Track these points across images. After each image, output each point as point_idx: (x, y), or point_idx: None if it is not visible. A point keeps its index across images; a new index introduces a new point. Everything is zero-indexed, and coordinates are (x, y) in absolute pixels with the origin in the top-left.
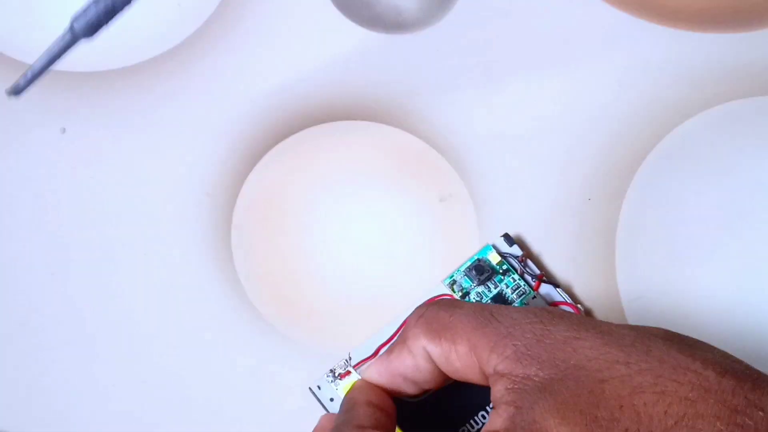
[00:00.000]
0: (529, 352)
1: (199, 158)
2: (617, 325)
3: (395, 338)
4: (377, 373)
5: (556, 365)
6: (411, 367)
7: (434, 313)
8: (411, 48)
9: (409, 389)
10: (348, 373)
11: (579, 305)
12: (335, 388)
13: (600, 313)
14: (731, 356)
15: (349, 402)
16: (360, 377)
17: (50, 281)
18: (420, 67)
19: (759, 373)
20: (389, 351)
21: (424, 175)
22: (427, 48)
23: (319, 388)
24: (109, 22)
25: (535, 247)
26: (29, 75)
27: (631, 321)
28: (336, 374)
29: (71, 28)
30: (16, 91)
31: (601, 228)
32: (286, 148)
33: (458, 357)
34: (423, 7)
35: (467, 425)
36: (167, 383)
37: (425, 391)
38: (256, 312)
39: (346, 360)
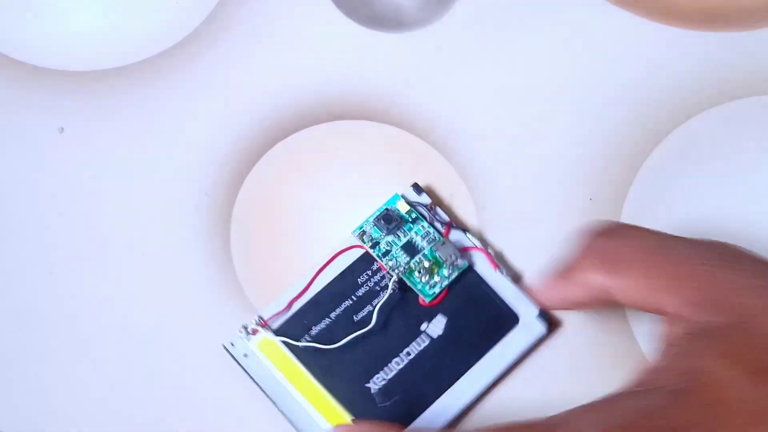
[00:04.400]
0: (709, 296)
1: (199, 158)
2: None
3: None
4: None
5: (733, 311)
6: (583, 296)
7: (606, 244)
8: (411, 47)
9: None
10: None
11: (489, 250)
12: (248, 343)
13: (600, 315)
14: None
15: None
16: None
17: (48, 281)
18: (420, 65)
19: None
20: None
21: (425, 174)
22: (427, 47)
23: (232, 345)
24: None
25: (536, 247)
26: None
27: (633, 321)
28: (249, 330)
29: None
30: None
31: None
32: (285, 148)
33: (638, 289)
34: (423, 6)
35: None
36: (166, 383)
37: None
38: (255, 312)
39: (258, 319)
